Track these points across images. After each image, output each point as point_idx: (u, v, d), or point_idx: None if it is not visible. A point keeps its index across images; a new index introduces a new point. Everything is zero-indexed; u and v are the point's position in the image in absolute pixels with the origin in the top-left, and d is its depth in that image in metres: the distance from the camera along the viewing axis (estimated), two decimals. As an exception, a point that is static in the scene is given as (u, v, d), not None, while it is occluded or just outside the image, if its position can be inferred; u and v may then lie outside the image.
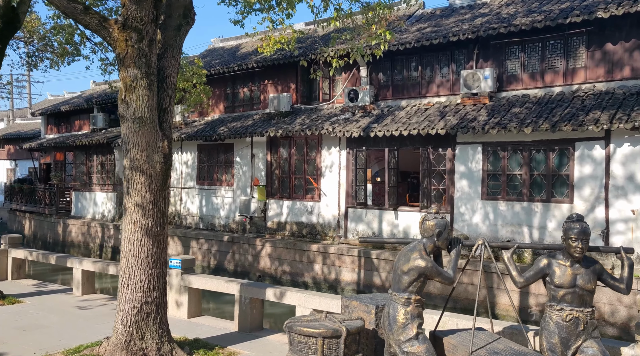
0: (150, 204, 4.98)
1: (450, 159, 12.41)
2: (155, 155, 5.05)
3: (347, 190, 14.38)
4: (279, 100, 16.35)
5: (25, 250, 9.31)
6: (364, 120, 13.98)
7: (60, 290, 8.50)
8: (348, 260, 13.38)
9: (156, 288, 5.03)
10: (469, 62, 13.06)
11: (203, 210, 18.15)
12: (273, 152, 16.38)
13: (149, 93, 5.07)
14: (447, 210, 12.44)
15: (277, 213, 16.02)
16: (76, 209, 22.87)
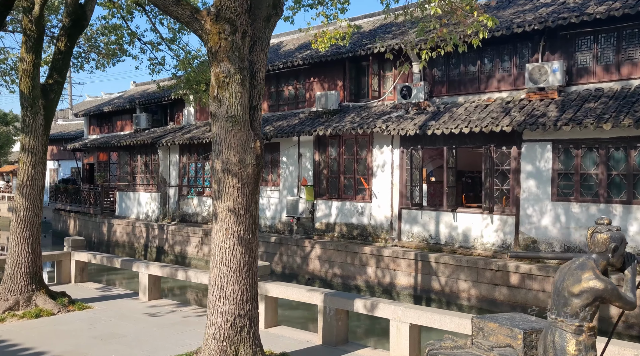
0: (243, 209, 4.58)
1: (516, 158, 11.69)
2: (247, 157, 4.64)
3: (401, 191, 13.80)
4: (327, 98, 15.89)
5: (88, 253, 9.11)
6: (419, 117, 13.38)
7: (125, 295, 8.25)
8: (404, 263, 12.82)
9: (249, 300, 4.63)
10: (533, 54, 12.30)
11: (248, 211, 17.83)
12: (321, 151, 15.93)
13: (242, 90, 4.68)
14: (511, 211, 11.73)
15: (325, 214, 15.57)
16: (120, 209, 22.97)
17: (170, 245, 19.27)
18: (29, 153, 7.44)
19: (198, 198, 19.57)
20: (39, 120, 7.42)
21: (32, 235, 7.33)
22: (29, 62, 7.18)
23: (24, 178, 7.37)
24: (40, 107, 7.41)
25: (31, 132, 7.40)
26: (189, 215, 19.98)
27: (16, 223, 7.29)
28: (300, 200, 15.73)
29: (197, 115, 21.56)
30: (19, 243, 7.23)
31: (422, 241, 13.28)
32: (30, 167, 7.43)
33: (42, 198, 7.51)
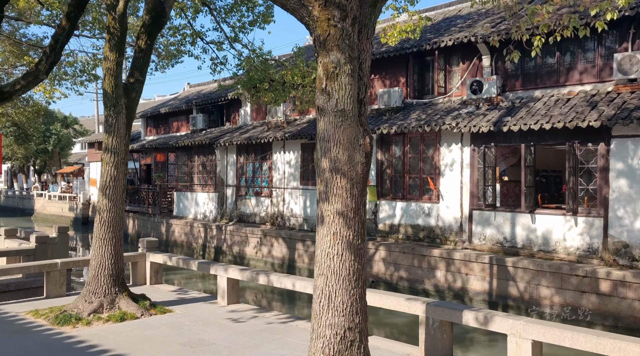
0: (352, 212, 4.19)
1: (604, 155, 10.83)
2: (356, 154, 4.25)
3: (472, 190, 13.12)
4: (389, 95, 15.38)
5: (163, 255, 8.98)
6: (492, 113, 12.67)
7: (203, 298, 8.05)
8: (477, 267, 12.15)
9: (359, 311, 4.24)
10: (622, 43, 11.38)
11: (307, 211, 17.56)
12: (384, 150, 15.43)
13: (352, 82, 4.30)
14: (598, 213, 10.88)
15: (389, 215, 15.06)
16: (178, 209, 23.21)
17: (229, 245, 19.24)
18: (111, 153, 7.34)
19: (256, 198, 19.46)
20: (121, 119, 7.32)
21: (115, 236, 7.23)
22: (112, 60, 7.08)
23: (107, 179, 7.27)
24: (122, 107, 7.32)
25: (114, 131, 7.30)
26: (246, 216, 19.91)
27: (99, 224, 7.21)
28: (362, 201, 15.27)
29: (253, 115, 21.49)
30: (102, 245, 7.14)
31: (495, 244, 12.57)
32: (113, 167, 7.34)
33: (124, 199, 7.41)
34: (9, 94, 11.03)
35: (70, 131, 53.81)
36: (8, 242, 10.59)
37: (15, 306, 7.66)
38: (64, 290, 8.34)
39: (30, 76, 10.85)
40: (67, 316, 6.69)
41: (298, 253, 16.62)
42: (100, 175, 7.48)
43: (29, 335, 6.33)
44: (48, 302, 7.86)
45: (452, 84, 14.99)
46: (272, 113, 19.04)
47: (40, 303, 7.79)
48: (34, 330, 6.45)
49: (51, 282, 8.19)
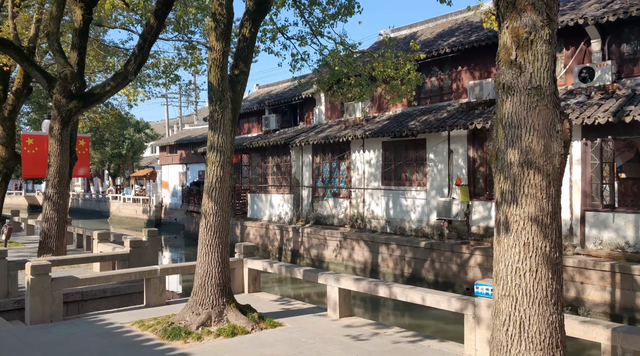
0: (549, 217, 3.32)
1: None
2: (554, 144, 3.36)
3: (584, 189, 11.78)
4: (482, 88, 14.23)
5: (263, 261, 8.41)
6: (608, 102, 11.30)
7: (310, 310, 7.38)
8: (595, 275, 10.83)
9: (559, 345, 3.39)
10: None
11: (390, 213, 16.67)
12: (476, 147, 14.29)
13: (550, 50, 3.46)
14: None
15: (483, 217, 13.91)
16: (252, 211, 22.95)
17: (306, 248, 18.68)
18: (217, 152, 6.83)
19: (334, 199, 18.79)
20: (227, 115, 6.79)
21: (222, 242, 6.70)
22: (219, 50, 6.56)
23: (213, 180, 6.77)
24: (228, 101, 6.80)
25: (219, 128, 6.78)
26: (323, 218, 19.28)
27: (205, 229, 6.71)
28: (453, 202, 14.22)
29: (328, 113, 20.86)
30: (208, 252, 6.63)
31: (615, 249, 11.18)
32: (219, 167, 6.82)
33: (229, 202, 6.89)
34: (99, 96, 10.95)
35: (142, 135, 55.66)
36: (101, 246, 10.43)
37: (118, 316, 7.29)
38: (164, 298, 7.94)
39: (119, 77, 10.69)
40: (176, 330, 6.20)
41: (382, 257, 15.76)
42: (205, 175, 6.97)
43: (141, 350, 5.89)
44: (150, 312, 7.45)
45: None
46: (350, 111, 18.30)
47: (142, 313, 7.39)
48: (144, 345, 5.99)
49: (151, 290, 7.80)
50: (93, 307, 8.54)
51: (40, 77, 10.58)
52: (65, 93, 10.35)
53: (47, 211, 10.65)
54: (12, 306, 7.88)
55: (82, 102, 10.49)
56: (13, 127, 14.95)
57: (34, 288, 6.79)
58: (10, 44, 10.43)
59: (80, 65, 11.01)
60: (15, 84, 14.70)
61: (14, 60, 10.63)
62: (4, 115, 14.63)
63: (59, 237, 10.71)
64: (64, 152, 10.60)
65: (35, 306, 6.81)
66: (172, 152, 41.14)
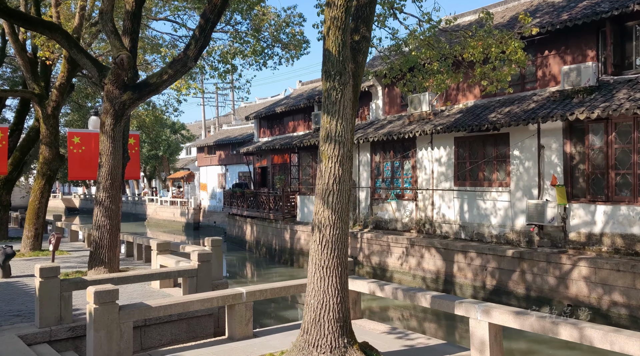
0: None
1: None
2: None
3: None
4: (579, 73, 12.36)
5: (369, 282, 6.62)
6: None
7: (443, 349, 5.76)
8: None
9: None
10: None
11: (465, 217, 14.92)
12: (575, 141, 12.43)
13: None
14: None
15: (585, 222, 12.04)
16: (302, 214, 21.48)
17: (366, 255, 17.08)
18: (334, 143, 5.31)
19: (397, 202, 17.13)
20: (348, 93, 5.28)
21: (341, 263, 5.16)
22: (340, 5, 5.03)
23: (329, 180, 5.27)
24: (349, 75, 5.31)
25: (338, 112, 5.28)
26: (384, 222, 17.64)
27: (320, 246, 5.17)
28: (547, 204, 12.39)
29: (385, 108, 19.21)
30: (325, 276, 5.10)
31: None
32: (337, 163, 5.27)
33: (349, 210, 5.41)
34: (156, 86, 9.55)
35: (178, 136, 55.03)
36: (161, 259, 9.07)
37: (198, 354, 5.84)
38: (250, 329, 6.46)
39: (178, 64, 9.27)
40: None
41: (458, 266, 14.03)
42: (318, 175, 5.48)
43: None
44: (238, 348, 5.94)
45: (667, 54, 11.70)
46: (415, 104, 16.61)
47: (229, 350, 5.91)
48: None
49: (235, 319, 6.32)
50: (157, 334, 7.17)
51: (90, 66, 9.30)
52: (118, 84, 9.04)
53: (99, 217, 9.36)
54: (65, 335, 6.54)
55: (137, 93, 9.16)
56: (57, 125, 13.83)
57: (99, 320, 5.40)
58: (58, 28, 9.19)
59: (133, 53, 9.69)
60: (59, 78, 13.58)
61: (62, 46, 9.37)
62: (47, 112, 13.52)
63: (112, 247, 9.40)
64: (116, 150, 9.30)
65: (100, 343, 5.41)
66: (211, 152, 40.14)
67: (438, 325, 11.95)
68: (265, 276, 19.57)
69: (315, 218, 5.48)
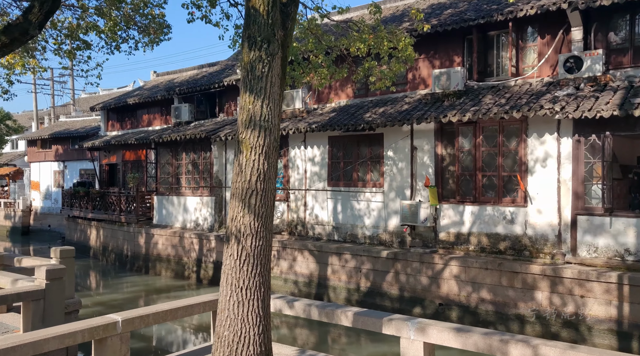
0: None
1: None
2: None
3: (575, 191, 10.67)
4: (449, 77, 12.69)
5: (276, 298, 5.45)
6: (605, 95, 10.25)
7: None
8: (598, 288, 9.68)
9: None
10: None
11: (338, 218, 14.57)
12: (445, 143, 12.72)
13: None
14: None
15: (454, 222, 12.37)
16: (160, 216, 19.47)
17: (233, 260, 15.87)
18: (260, 130, 4.13)
19: (267, 203, 16.20)
20: (276, 67, 4.13)
21: (264, 283, 3.94)
22: None
23: (252, 177, 4.04)
24: (278, 44, 4.15)
25: (264, 90, 4.06)
26: (253, 224, 16.60)
27: (238, 261, 3.89)
28: (421, 205, 12.50)
29: (254, 104, 18.17)
30: (244, 300, 3.81)
31: (613, 257, 10.17)
32: (263, 155, 4.15)
33: (273, 215, 4.27)
34: (-19, 56, 7.36)
35: (2, 128, 47.47)
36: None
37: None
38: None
39: (15, 30, 7.18)
40: None
41: (332, 269, 13.61)
42: (239, 170, 4.31)
43: None
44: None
45: (525, 63, 12.51)
46: (288, 101, 15.87)
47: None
48: None
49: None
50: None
51: None
52: None
53: None
54: None
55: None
56: None
57: None
58: None
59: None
60: None
61: None
62: None
63: None
64: None
65: None
66: (45, 147, 35.12)
67: (360, 344, 11.22)
68: (116, 287, 17.26)
69: (232, 226, 4.32)
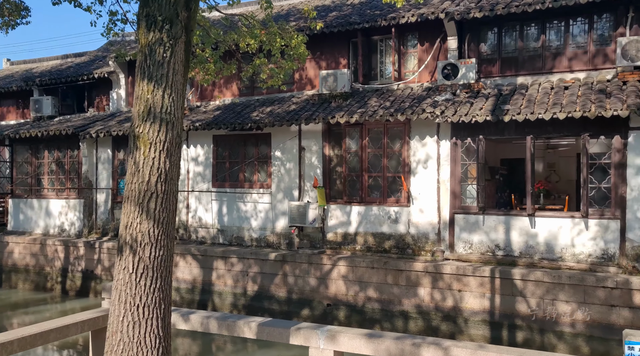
0: None
1: (620, 150, 9.82)
2: None
3: (453, 191, 11.28)
4: (336, 78, 12.78)
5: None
6: (479, 101, 10.97)
7: None
8: (474, 282, 10.31)
9: None
10: (617, 28, 10.57)
11: (224, 220, 13.99)
12: (333, 144, 12.78)
13: None
14: (614, 214, 9.85)
15: (342, 222, 12.47)
16: (16, 222, 17.25)
17: (106, 268, 14.58)
18: (160, 123, 3.54)
19: (145, 205, 15.07)
20: (179, 54, 3.51)
21: (165, 298, 3.29)
22: None
23: (151, 177, 3.43)
24: (182, 26, 3.51)
25: (166, 78, 3.41)
26: (129, 228, 15.34)
27: (133, 275, 3.23)
28: (309, 206, 12.42)
29: (129, 99, 16.87)
30: (141, 320, 3.15)
31: (486, 253, 10.91)
32: (164, 153, 3.57)
33: (175, 220, 3.64)
34: None
35: None
36: None
37: None
38: None
39: None
40: None
41: (217, 273, 13.03)
42: (134, 169, 3.59)
43: None
44: None
45: (406, 69, 13.01)
46: (168, 96, 14.87)
47: None
48: None
49: None
50: None
51: None
52: None
53: None
54: None
55: None
56: None
57: None
58: None
59: None
60: None
61: None
62: None
63: None
64: None
65: None
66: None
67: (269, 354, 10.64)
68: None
69: (126, 234, 3.69)
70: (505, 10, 10.86)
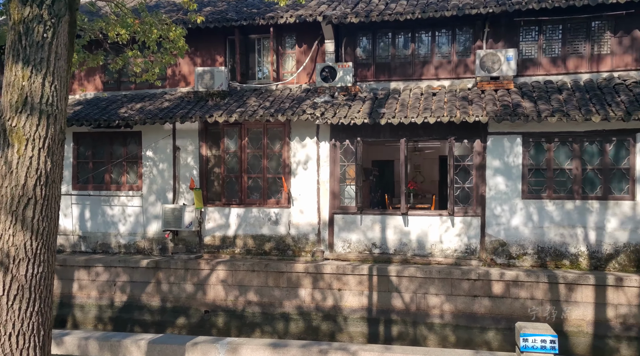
0: None
1: (480, 152, 10.70)
2: None
3: (332, 191, 11.46)
4: (212, 76, 12.31)
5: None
6: (356, 104, 11.28)
7: None
8: (353, 280, 10.56)
9: None
10: (475, 41, 11.53)
11: (86, 226, 12.74)
12: (211, 144, 12.27)
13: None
14: (476, 212, 10.71)
15: (220, 225, 12.03)
16: None
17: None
18: (39, 116, 3.01)
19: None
20: (62, 35, 2.91)
21: (44, 323, 2.70)
22: None
23: (28, 180, 2.95)
24: (65, 3, 2.83)
25: (46, 62, 2.82)
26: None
27: (5, 297, 2.65)
28: (185, 209, 11.78)
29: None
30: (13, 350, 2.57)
31: (363, 251, 11.24)
32: (44, 151, 3.05)
33: (57, 231, 2.98)
34: None
35: None
36: None
37: None
38: None
39: None
40: None
41: (79, 284, 11.83)
42: (7, 171, 3.08)
43: None
44: None
45: (284, 69, 12.96)
46: (18, 87, 13.15)
47: None
48: None
49: None
50: None
51: None
52: None
53: None
54: None
55: None
56: None
57: None
58: None
59: None
60: None
61: None
62: None
63: None
64: None
65: None
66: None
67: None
68: None
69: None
70: (379, 17, 11.28)
